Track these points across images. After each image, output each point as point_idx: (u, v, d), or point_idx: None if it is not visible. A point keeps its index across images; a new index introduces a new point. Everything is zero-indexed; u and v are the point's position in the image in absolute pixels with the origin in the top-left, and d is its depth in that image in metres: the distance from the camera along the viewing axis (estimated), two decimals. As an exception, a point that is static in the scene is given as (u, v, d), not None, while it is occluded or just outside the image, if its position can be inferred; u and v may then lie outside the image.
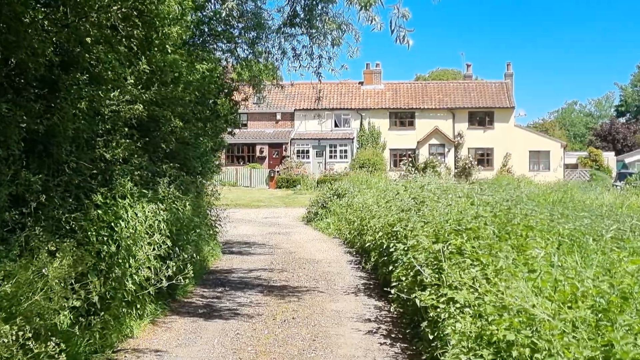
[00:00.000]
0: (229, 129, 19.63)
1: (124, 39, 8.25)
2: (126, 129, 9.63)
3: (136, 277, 9.58)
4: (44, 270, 6.32)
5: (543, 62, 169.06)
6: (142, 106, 9.84)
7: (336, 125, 59.20)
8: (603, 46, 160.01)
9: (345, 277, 15.29)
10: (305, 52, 13.31)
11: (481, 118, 58.37)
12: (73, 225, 8.24)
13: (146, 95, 9.99)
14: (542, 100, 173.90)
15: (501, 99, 58.32)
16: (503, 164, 57.17)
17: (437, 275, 8.81)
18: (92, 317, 8.40)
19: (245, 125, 59.62)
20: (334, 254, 19.40)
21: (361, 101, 59.50)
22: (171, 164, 12.47)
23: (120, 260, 9.08)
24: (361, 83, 61.24)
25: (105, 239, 8.90)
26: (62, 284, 7.06)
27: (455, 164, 56.94)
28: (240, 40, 16.95)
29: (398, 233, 12.19)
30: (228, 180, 53.81)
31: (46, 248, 6.82)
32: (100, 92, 8.03)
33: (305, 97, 59.21)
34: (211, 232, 17.33)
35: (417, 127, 58.23)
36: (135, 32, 8.22)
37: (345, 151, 57.88)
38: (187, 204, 12.43)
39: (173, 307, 11.82)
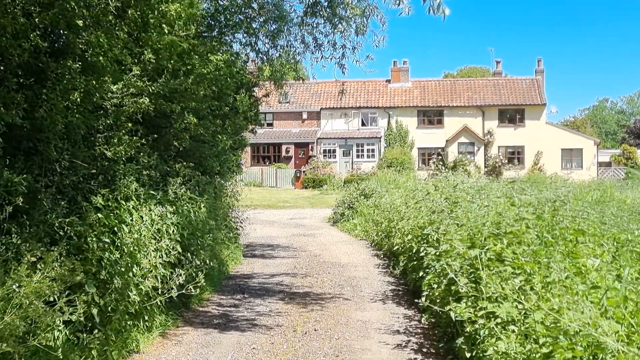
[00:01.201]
0: (251, 127, 18.80)
1: (118, 20, 7.38)
2: (130, 124, 8.79)
3: (142, 287, 8.76)
4: (14, 287, 5.46)
5: (573, 59, 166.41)
6: (148, 99, 9.00)
7: (363, 124, 58.19)
8: (634, 43, 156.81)
9: (372, 283, 14.36)
10: (328, 41, 12.41)
11: (511, 115, 56.99)
12: (68, 231, 7.41)
13: (153, 87, 9.13)
14: (572, 98, 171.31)
15: (532, 96, 56.90)
16: (534, 163, 55.74)
17: (473, 285, 7.87)
18: (90, 332, 7.60)
19: (271, 124, 58.87)
20: (360, 257, 18.49)
21: (388, 99, 58.41)
22: (185, 163, 11.67)
23: (122, 269, 8.23)
24: (388, 81, 60.15)
25: (106, 245, 8.06)
26: (49, 299, 6.23)
27: (485, 163, 55.66)
28: (260, 33, 16.12)
29: (429, 236, 11.24)
30: (253, 181, 53.09)
31: (26, 258, 5.96)
32: (94, 82, 7.16)
33: (331, 95, 58.26)
34: (231, 234, 16.50)
35: (446, 125, 57.02)
36: (129, 11, 7.37)
37: (373, 150, 56.84)
38: (202, 205, 11.60)
39: (186, 317, 10.97)
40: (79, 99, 7.17)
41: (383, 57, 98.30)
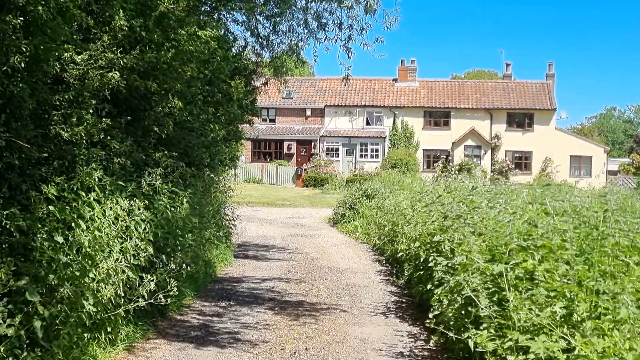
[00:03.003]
0: (248, 118, 17.42)
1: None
2: (93, 102, 7.41)
3: (103, 295, 7.39)
4: None
5: (581, 66, 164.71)
6: (118, 74, 7.64)
7: (368, 123, 56.74)
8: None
9: (372, 292, 13.01)
10: (333, 21, 11.04)
11: (520, 120, 55.54)
12: (7, 225, 6.07)
13: (125, 60, 7.76)
14: (579, 105, 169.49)
15: (542, 100, 55.44)
16: (542, 169, 54.24)
17: (498, 308, 6.51)
18: (32, 350, 6.24)
19: (274, 120, 57.51)
20: (360, 262, 17.13)
21: (395, 99, 56.96)
22: (167, 152, 10.33)
23: (77, 273, 6.86)
24: (395, 80, 58.72)
25: (58, 245, 6.71)
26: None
27: (491, 167, 54.20)
28: (261, 16, 14.80)
29: (441, 245, 9.89)
30: (253, 177, 51.78)
31: None
32: (40, 44, 5.78)
33: (336, 92, 56.88)
34: (221, 233, 15.11)
35: (453, 127, 55.56)
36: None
37: (377, 150, 55.42)
38: (185, 200, 10.25)
39: (160, 327, 9.60)
40: (22, 64, 5.80)
41: (390, 57, 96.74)
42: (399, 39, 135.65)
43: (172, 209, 9.63)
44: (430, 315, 9.06)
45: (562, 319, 5.33)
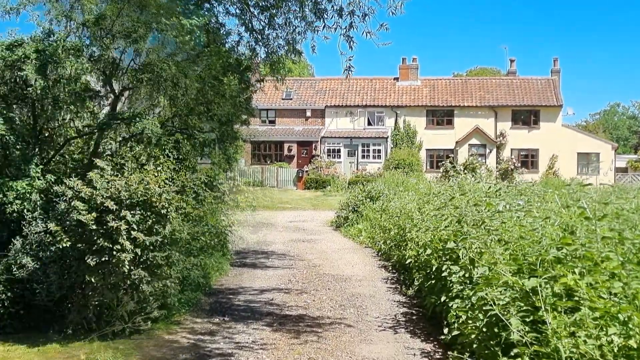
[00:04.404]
0: (243, 117, 16.38)
1: None
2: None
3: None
4: None
5: (583, 61, 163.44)
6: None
7: (369, 124, 55.66)
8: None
9: (380, 303, 12.02)
10: (332, 7, 10.03)
11: (525, 117, 54.35)
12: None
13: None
14: (583, 102, 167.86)
15: (547, 97, 54.30)
16: (549, 167, 53.13)
17: (532, 332, 5.51)
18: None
19: (273, 122, 56.49)
20: (366, 269, 16.13)
21: (396, 98, 55.87)
22: (152, 155, 9.36)
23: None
24: (396, 79, 57.64)
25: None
26: None
27: (497, 166, 53.06)
28: (256, 9, 13.85)
29: (456, 252, 8.89)
30: (253, 180, 50.73)
31: None
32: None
33: (336, 93, 55.90)
34: (214, 241, 14.10)
35: (456, 126, 54.44)
36: None
37: (379, 151, 54.35)
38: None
39: (146, 349, 8.57)
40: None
41: (391, 56, 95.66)
42: (400, 36, 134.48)
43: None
44: (445, 331, 8.16)
45: (622, 351, 4.34)
